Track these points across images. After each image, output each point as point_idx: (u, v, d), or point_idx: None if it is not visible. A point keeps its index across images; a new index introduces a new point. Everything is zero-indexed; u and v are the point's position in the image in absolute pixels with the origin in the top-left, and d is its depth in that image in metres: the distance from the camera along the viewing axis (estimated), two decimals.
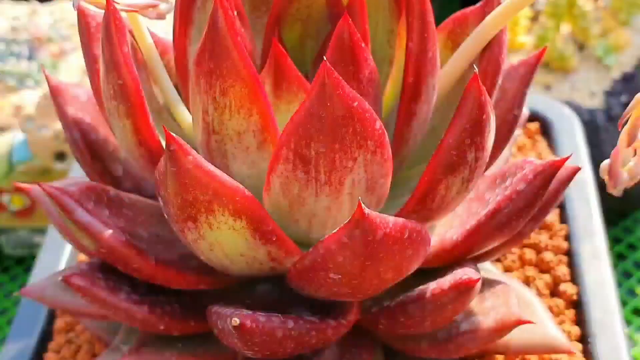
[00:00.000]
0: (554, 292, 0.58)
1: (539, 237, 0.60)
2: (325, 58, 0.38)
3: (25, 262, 1.10)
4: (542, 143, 0.70)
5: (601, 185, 0.69)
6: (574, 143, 0.67)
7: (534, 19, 1.03)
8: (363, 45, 0.42)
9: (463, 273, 0.44)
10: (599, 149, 0.95)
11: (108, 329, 0.55)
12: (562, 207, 0.63)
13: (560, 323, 0.55)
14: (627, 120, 0.46)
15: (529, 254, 0.60)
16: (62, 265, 0.62)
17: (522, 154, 0.69)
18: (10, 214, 0.98)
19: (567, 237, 0.61)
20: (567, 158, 0.44)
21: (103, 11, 0.48)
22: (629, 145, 0.47)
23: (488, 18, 0.46)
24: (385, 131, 0.41)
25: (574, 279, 0.58)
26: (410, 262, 0.42)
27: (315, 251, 0.41)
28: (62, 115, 0.51)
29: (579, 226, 0.60)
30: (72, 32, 1.02)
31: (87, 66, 0.48)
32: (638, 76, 1.00)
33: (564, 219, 0.62)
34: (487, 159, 0.45)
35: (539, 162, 0.45)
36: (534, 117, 0.71)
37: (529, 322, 0.45)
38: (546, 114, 0.70)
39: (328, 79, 0.37)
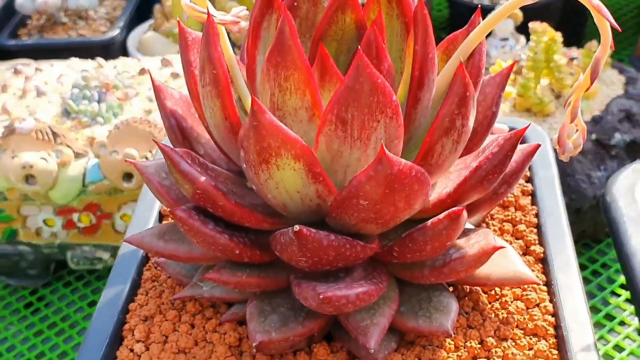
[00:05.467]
0: (526, 252, 0.75)
1: (515, 214, 0.78)
2: (359, 47, 0.57)
3: (83, 278, 1.27)
4: None
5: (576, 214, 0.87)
6: (544, 151, 0.85)
7: (518, 72, 1.23)
8: (384, 45, 0.61)
9: (453, 209, 0.62)
10: (573, 177, 1.14)
11: (187, 274, 0.73)
12: (533, 195, 0.81)
13: None
14: (569, 102, 0.64)
15: (507, 226, 0.77)
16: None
17: None
18: (78, 230, 1.15)
19: (537, 215, 0.78)
20: (526, 127, 0.63)
21: (194, 32, 0.68)
22: (572, 121, 0.65)
23: (470, 34, 0.65)
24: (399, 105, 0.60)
25: (542, 243, 0.75)
26: (417, 196, 0.60)
27: (350, 184, 0.59)
28: (163, 107, 0.70)
29: (546, 207, 0.78)
30: (134, 81, 1.23)
31: (184, 69, 0.67)
32: (605, 119, 1.19)
33: (534, 202, 0.80)
34: (470, 129, 0.63)
35: (507, 134, 0.63)
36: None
37: (502, 247, 0.63)
38: None
39: (361, 61, 0.56)
